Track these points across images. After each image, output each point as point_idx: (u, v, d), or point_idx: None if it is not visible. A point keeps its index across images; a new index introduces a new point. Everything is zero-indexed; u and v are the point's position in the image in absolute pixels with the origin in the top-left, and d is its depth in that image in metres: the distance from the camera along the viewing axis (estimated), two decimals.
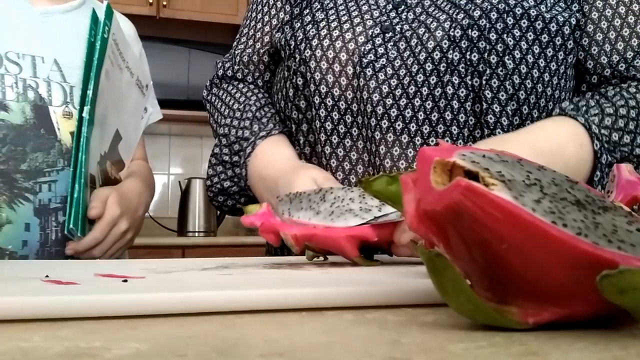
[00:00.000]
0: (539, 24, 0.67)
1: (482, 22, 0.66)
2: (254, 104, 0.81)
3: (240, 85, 0.85)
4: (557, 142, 0.62)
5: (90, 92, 0.87)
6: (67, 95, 0.92)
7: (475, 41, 0.66)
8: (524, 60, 0.66)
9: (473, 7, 0.67)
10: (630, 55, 0.70)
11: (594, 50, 0.71)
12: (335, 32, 0.72)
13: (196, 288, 0.30)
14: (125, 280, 0.35)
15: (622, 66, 0.70)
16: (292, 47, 0.75)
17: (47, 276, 0.37)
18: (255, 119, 0.78)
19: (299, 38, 0.74)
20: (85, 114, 0.87)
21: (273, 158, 0.72)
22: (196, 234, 2.76)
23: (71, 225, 0.84)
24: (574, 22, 0.69)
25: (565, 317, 0.23)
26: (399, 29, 0.70)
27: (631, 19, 0.71)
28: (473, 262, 0.24)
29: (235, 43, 0.90)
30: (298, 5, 0.80)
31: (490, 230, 0.22)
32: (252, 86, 0.85)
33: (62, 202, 0.89)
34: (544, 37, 0.67)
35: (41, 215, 0.88)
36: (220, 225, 2.91)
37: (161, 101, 1.21)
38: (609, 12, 0.71)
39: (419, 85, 0.66)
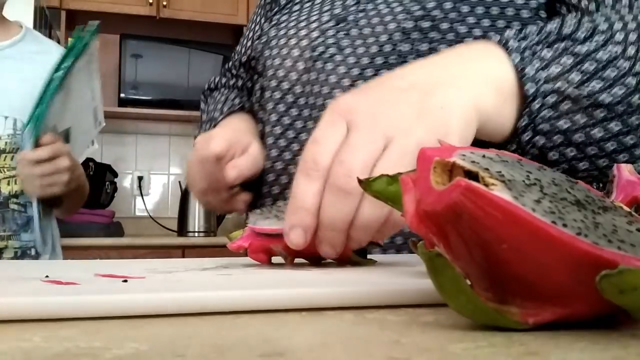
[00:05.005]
0: (495, 10, 0.64)
1: (435, 12, 0.65)
2: (232, 93, 0.84)
3: (224, 90, 0.89)
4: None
5: (66, 65, 1.04)
6: None
7: (426, 32, 0.65)
8: None
9: None
10: None
11: None
12: (291, 31, 0.73)
13: (196, 288, 0.30)
14: (125, 281, 0.35)
15: None
16: (258, 50, 0.77)
17: (47, 276, 0.37)
18: (229, 100, 0.82)
19: (263, 41, 0.77)
20: (60, 73, 1.03)
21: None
22: (196, 234, 2.76)
23: (29, 126, 1.00)
24: (534, 5, 0.64)
25: (565, 317, 0.23)
26: (351, 18, 0.69)
27: None
28: (473, 262, 0.24)
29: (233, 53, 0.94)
30: (277, 13, 0.82)
31: (490, 230, 0.22)
32: (236, 89, 0.88)
33: None
34: (500, 23, 0.64)
35: None
36: (220, 225, 2.91)
37: (161, 101, 1.25)
38: None
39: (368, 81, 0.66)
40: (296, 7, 0.77)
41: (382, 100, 0.45)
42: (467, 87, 0.48)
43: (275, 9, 0.82)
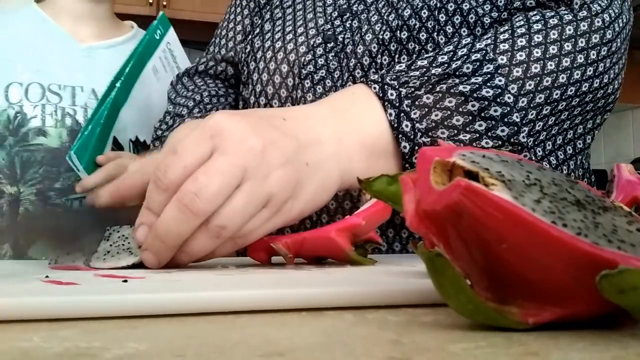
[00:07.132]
0: (471, 18, 0.63)
1: (412, 21, 0.63)
2: (205, 90, 0.79)
3: (198, 80, 0.84)
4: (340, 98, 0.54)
5: (127, 70, 0.95)
6: None
7: (404, 43, 0.63)
8: None
9: (405, 6, 0.64)
10: None
11: None
12: (278, 44, 0.71)
13: (196, 288, 0.30)
14: (125, 281, 0.35)
15: None
16: (242, 59, 0.75)
17: (47, 276, 0.37)
18: (202, 103, 0.77)
19: (247, 50, 0.74)
20: (118, 84, 0.93)
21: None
22: None
23: (72, 151, 0.86)
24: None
25: (565, 317, 0.23)
26: (340, 39, 0.67)
27: None
28: (473, 262, 0.24)
29: (211, 42, 0.90)
30: (257, 14, 0.79)
31: (490, 230, 0.22)
32: (211, 80, 0.83)
33: None
34: (478, 31, 0.63)
35: None
36: None
37: None
38: None
39: None
40: (278, 13, 0.74)
41: (257, 136, 0.44)
42: (339, 151, 0.48)
43: (255, 8, 0.80)
